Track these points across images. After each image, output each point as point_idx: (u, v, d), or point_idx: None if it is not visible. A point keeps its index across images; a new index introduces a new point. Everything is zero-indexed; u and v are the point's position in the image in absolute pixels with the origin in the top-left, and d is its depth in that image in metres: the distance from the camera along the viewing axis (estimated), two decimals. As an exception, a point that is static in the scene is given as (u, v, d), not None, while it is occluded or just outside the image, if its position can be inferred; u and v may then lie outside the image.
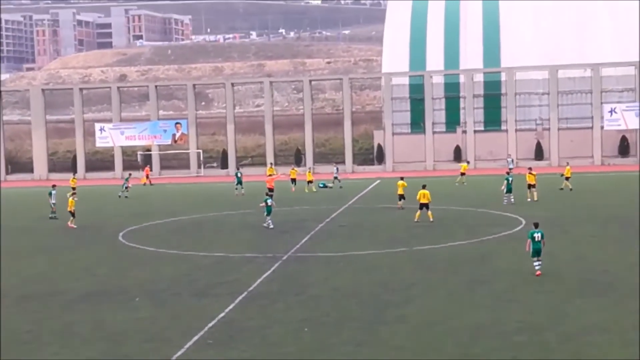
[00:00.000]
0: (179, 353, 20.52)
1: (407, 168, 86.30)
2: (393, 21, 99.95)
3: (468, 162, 74.67)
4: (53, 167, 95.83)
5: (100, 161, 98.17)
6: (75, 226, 45.74)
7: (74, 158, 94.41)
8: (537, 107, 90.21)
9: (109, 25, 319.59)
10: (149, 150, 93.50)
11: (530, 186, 52.17)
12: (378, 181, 73.07)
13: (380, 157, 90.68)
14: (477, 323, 22.56)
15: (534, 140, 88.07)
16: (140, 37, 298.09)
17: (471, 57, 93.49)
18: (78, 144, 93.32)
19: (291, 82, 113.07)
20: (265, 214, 42.97)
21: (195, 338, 21.85)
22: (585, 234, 37.97)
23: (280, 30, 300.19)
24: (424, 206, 43.33)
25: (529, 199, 51.83)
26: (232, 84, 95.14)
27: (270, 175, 65.75)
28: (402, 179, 50.00)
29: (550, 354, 19.49)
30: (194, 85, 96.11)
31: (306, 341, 21.37)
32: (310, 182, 62.89)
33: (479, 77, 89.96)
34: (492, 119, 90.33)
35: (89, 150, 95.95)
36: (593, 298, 25.07)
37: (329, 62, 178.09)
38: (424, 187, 43.94)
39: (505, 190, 50.51)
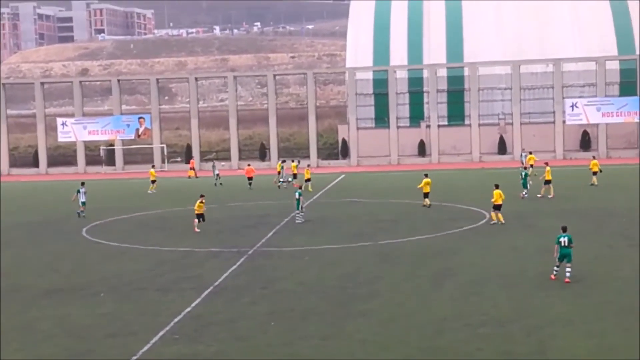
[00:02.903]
0: (145, 348, 20.44)
1: (372, 162, 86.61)
2: (356, 16, 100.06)
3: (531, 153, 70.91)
4: (14, 162, 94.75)
5: (62, 156, 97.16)
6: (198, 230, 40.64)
7: (36, 153, 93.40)
8: (500, 102, 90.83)
9: (70, 19, 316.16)
10: (112, 145, 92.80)
11: (546, 181, 50.49)
12: (343, 176, 73.21)
13: (344, 152, 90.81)
14: (442, 316, 22.73)
15: (497, 134, 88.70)
16: (102, 31, 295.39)
17: (434, 52, 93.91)
18: (40, 139, 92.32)
19: (255, 77, 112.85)
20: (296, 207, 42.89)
21: (161, 333, 21.78)
22: (549, 227, 38.27)
23: (244, 25, 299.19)
24: (497, 207, 40.07)
25: (539, 195, 50.09)
26: (196, 79, 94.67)
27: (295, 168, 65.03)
28: (426, 175, 48.15)
29: (514, 345, 19.70)
30: (157, 79, 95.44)
31: (272, 335, 21.39)
32: (308, 180, 59.80)
33: (443, 72, 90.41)
34: (456, 114, 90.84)
35: (50, 145, 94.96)
36: (556, 291, 25.37)
37: (293, 57, 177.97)
38: (496, 186, 40.48)
39: (522, 185, 49.77)
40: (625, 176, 59.69)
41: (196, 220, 40.68)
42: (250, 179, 63.39)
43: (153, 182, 62.78)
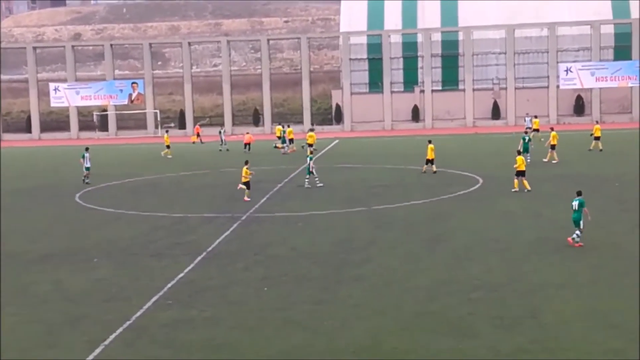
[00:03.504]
0: (139, 313, 20.53)
1: (366, 128, 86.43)
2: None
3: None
4: (7, 128, 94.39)
5: (55, 121, 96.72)
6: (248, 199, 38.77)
7: (29, 118, 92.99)
8: (494, 67, 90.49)
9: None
10: (105, 110, 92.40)
11: (552, 147, 50.08)
12: (336, 141, 73.11)
13: (338, 117, 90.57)
14: (435, 281, 22.84)
15: (491, 99, 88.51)
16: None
17: (429, 16, 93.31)
18: (32, 104, 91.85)
19: (249, 42, 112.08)
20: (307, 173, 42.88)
21: (155, 298, 21.86)
22: (542, 192, 38.38)
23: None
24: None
25: (545, 160, 49.70)
26: (189, 43, 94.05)
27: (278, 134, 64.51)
28: (430, 142, 46.96)
29: (506, 310, 19.81)
30: (150, 44, 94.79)
31: (266, 300, 21.48)
32: (311, 145, 59.27)
33: (437, 37, 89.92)
34: (450, 79, 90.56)
35: (43, 110, 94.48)
36: (549, 255, 25.49)
37: (286, 21, 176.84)
38: (519, 152, 40.55)
39: (522, 150, 49.18)
40: (618, 141, 59.69)
41: (242, 186, 39.03)
42: (247, 144, 63.68)
43: (168, 147, 62.83)
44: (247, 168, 39.23)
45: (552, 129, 52.54)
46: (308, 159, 43.37)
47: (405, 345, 17.47)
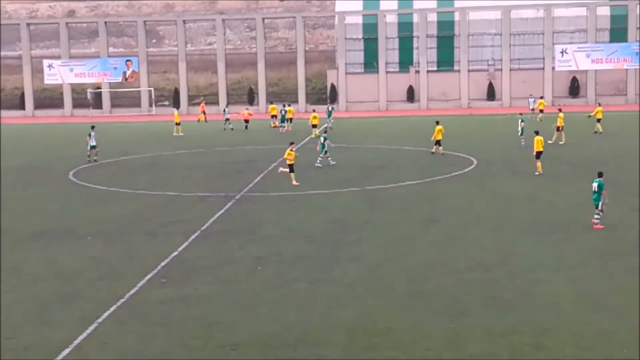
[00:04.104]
0: (133, 291, 20.53)
1: (360, 108, 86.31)
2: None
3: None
4: (0, 104, 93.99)
5: (49, 99, 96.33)
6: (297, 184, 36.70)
7: (22, 95, 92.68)
8: (490, 48, 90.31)
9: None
10: (99, 88, 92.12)
11: (558, 128, 49.68)
12: (331, 121, 72.83)
13: (333, 97, 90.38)
14: (429, 261, 22.88)
15: (486, 80, 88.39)
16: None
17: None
18: (26, 81, 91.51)
19: (244, 20, 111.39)
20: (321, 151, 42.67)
21: (149, 276, 21.86)
22: (536, 174, 38.35)
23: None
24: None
25: (550, 142, 47.64)
26: (184, 21, 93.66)
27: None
28: (437, 123, 46.31)
29: (499, 290, 19.86)
30: (144, 22, 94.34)
31: (259, 279, 21.49)
32: (314, 126, 59.12)
33: (433, 17, 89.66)
34: (445, 59, 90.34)
35: (37, 88, 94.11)
36: (543, 237, 25.53)
37: (282, 0, 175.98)
38: (536, 133, 39.34)
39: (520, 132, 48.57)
40: (614, 123, 59.64)
41: (284, 170, 37.49)
42: (246, 121, 64.52)
43: (178, 124, 62.59)
44: (291, 150, 37.19)
45: (560, 110, 52.33)
46: (322, 138, 43.08)
47: (398, 325, 17.51)
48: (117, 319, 18.43)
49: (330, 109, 65.89)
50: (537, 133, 39.23)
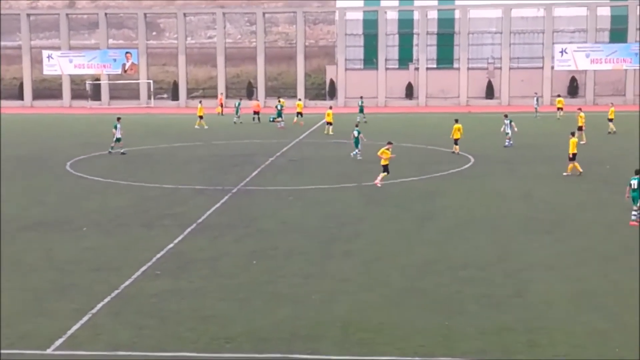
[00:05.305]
0: (127, 283, 20.55)
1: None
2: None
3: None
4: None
5: (48, 89, 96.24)
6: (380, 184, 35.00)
7: (21, 85, 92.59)
8: (490, 46, 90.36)
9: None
10: (98, 79, 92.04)
11: (580, 128, 48.99)
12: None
13: (332, 92, 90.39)
14: (424, 258, 22.90)
15: (485, 79, 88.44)
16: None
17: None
18: (25, 71, 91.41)
19: (244, 14, 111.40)
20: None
21: (144, 268, 21.87)
22: (533, 173, 38.44)
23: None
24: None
25: (583, 142, 47.38)
26: (184, 14, 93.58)
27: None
28: (456, 121, 46.04)
29: (494, 288, 19.88)
30: (145, 14, 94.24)
31: (255, 273, 21.51)
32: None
33: (433, 14, 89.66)
34: (445, 57, 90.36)
35: (36, 78, 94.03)
36: (538, 235, 25.56)
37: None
38: (572, 134, 38.19)
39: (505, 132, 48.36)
40: (613, 123, 59.49)
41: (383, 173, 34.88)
42: (256, 113, 65.62)
43: (200, 117, 62.54)
44: (387, 149, 35.10)
45: (580, 109, 52.25)
46: (356, 132, 43.88)
47: (392, 321, 17.54)
48: (111, 310, 18.45)
49: (360, 103, 65.93)
50: (572, 135, 38.08)
